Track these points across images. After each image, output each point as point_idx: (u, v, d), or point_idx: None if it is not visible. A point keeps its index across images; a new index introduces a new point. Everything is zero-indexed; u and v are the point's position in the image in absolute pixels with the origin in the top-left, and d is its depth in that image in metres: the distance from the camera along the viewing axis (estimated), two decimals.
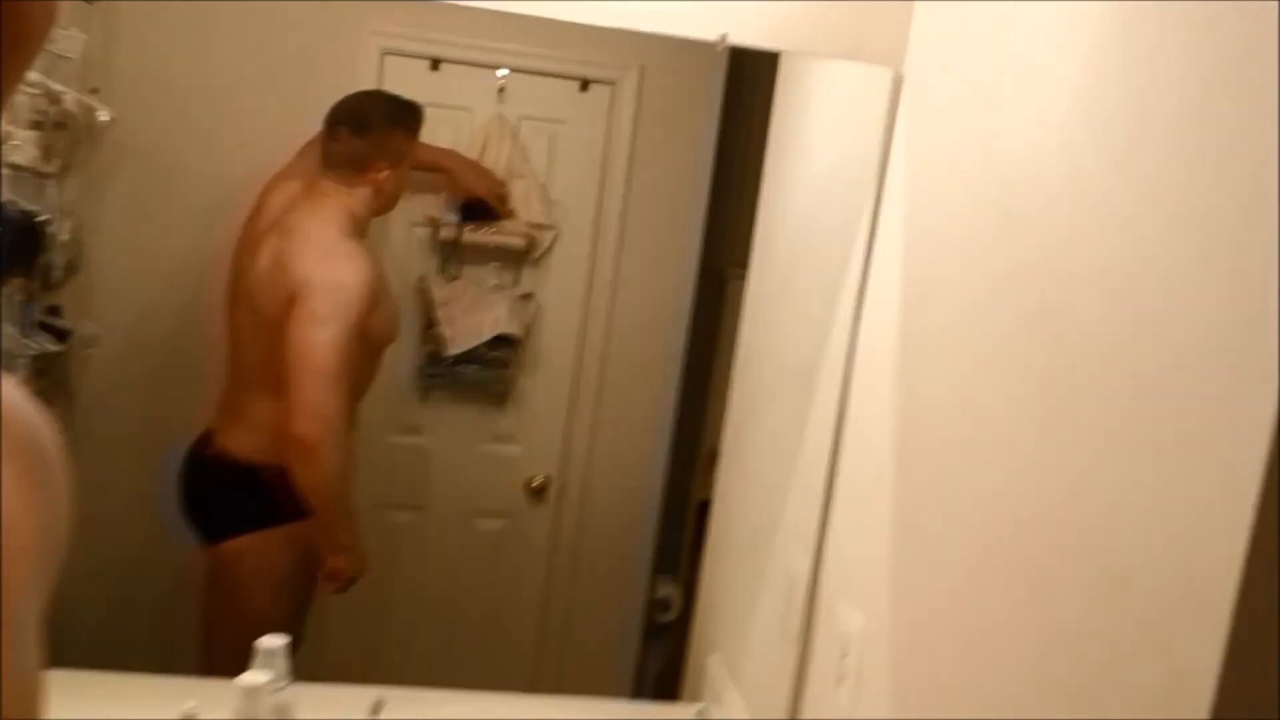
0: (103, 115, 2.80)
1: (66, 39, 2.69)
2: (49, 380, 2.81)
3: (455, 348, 3.15)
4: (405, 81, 3.18)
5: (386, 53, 3.18)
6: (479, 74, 3.23)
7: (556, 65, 3.26)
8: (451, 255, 3.26)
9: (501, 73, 3.23)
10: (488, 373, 3.24)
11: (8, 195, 2.47)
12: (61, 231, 2.70)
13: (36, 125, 2.52)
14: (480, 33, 3.21)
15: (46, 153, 2.62)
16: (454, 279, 2.97)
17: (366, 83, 3.16)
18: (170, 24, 3.10)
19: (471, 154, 3.20)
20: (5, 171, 2.46)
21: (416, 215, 3.25)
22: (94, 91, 2.96)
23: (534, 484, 3.39)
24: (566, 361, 3.38)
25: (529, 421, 3.40)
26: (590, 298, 3.36)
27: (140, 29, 3.08)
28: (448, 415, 3.36)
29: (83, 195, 2.95)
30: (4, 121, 2.39)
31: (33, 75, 2.49)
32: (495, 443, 3.40)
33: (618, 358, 3.38)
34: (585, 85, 3.28)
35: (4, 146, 2.42)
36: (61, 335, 2.72)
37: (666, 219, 3.36)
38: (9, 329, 2.51)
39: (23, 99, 2.46)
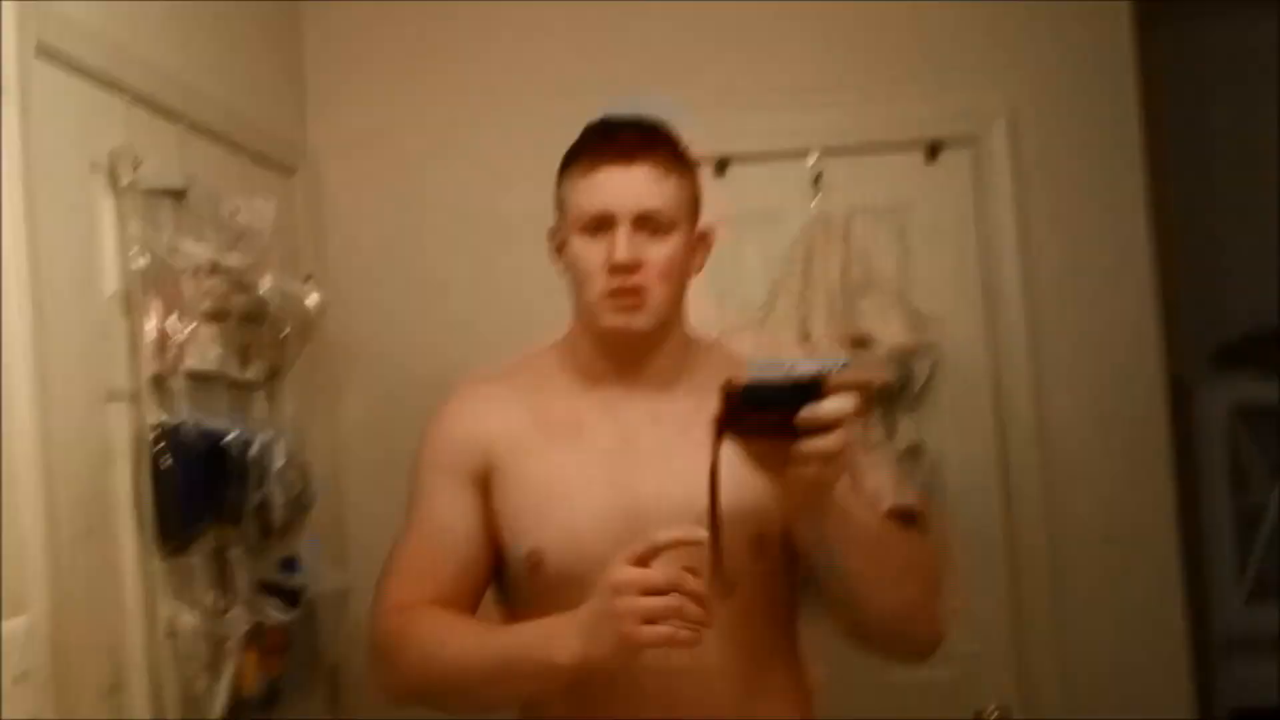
0: (311, 300, 2.12)
1: (251, 209, 2.06)
2: (298, 654, 2.05)
3: None
4: None
5: None
6: (783, 167, 2.40)
7: (889, 132, 2.40)
8: None
9: (813, 158, 2.37)
10: None
11: (186, 415, 1.78)
12: (275, 457, 1.98)
13: (217, 316, 1.85)
14: (774, 108, 2.38)
15: (242, 354, 1.95)
16: None
17: None
18: (386, 180, 2.49)
19: (792, 272, 2.32)
20: (180, 384, 1.78)
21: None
22: (309, 279, 2.32)
23: None
24: (994, 533, 2.34)
25: (960, 631, 2.32)
26: (1006, 437, 2.34)
27: (350, 197, 2.47)
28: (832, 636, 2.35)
29: (305, 410, 2.27)
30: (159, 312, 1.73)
31: (201, 249, 1.84)
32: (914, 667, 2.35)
33: (1070, 520, 2.32)
34: (933, 151, 2.39)
35: (172, 349, 1.75)
36: (294, 597, 1.97)
37: (1093, 310, 2.35)
38: (202, 600, 1.76)
39: (188, 282, 1.80)
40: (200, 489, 1.75)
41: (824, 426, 1.13)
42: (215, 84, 2.07)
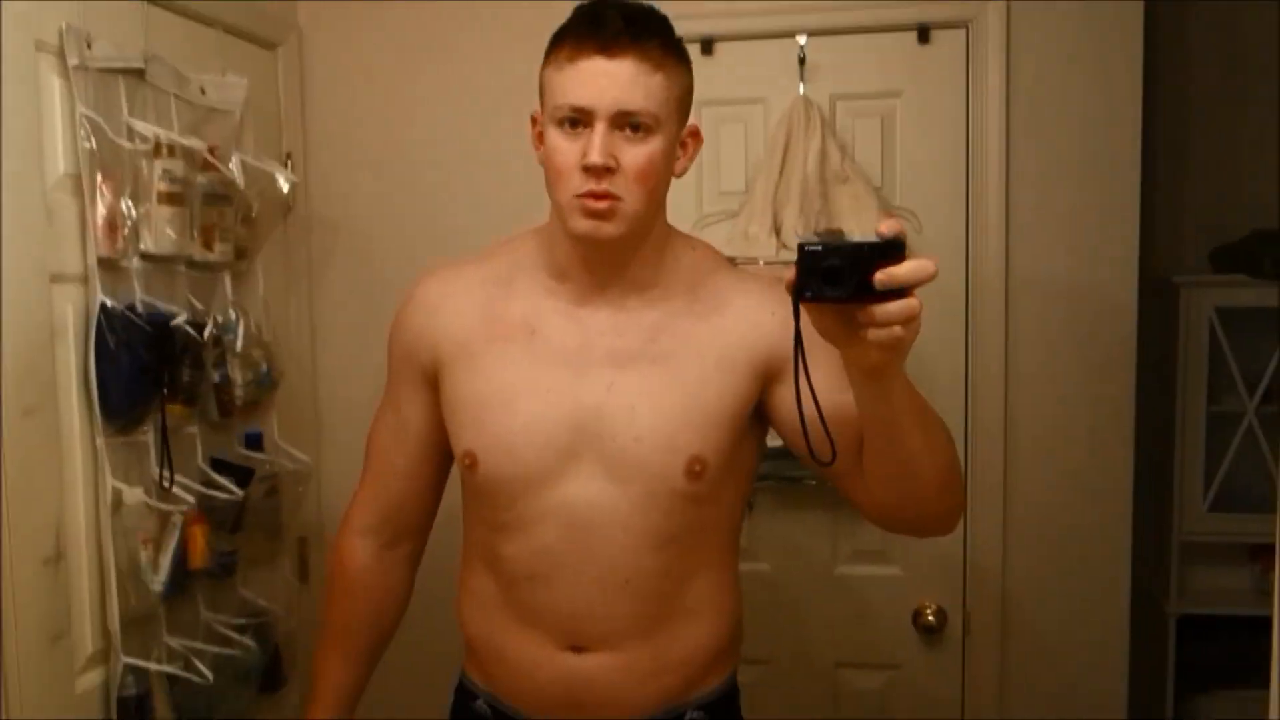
0: (282, 182, 2.12)
1: (220, 87, 2.05)
2: (259, 529, 2.12)
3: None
4: None
5: None
6: (768, 48, 2.32)
7: (879, 14, 2.29)
8: None
9: (801, 40, 2.29)
10: None
11: (140, 298, 1.81)
12: (236, 338, 2.01)
13: (174, 199, 1.86)
14: None
15: (205, 236, 1.96)
16: None
17: None
18: (372, 64, 2.44)
19: (771, 158, 2.26)
20: (135, 264, 1.81)
21: None
22: (288, 158, 2.32)
23: (925, 618, 2.32)
24: (955, 430, 2.30)
25: None
26: (974, 342, 2.29)
27: (336, 77, 2.44)
28: (786, 530, 2.38)
29: (280, 291, 2.29)
30: (109, 195, 1.74)
31: (156, 130, 1.83)
32: (859, 564, 2.37)
33: (1025, 421, 2.28)
34: (925, 34, 2.28)
35: (124, 230, 1.76)
36: (245, 476, 2.02)
37: (1074, 215, 2.26)
38: (149, 477, 1.82)
39: (144, 164, 1.81)
40: (146, 369, 1.78)
41: (902, 289, 1.10)
42: None
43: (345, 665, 1.61)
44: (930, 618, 2.31)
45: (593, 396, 1.41)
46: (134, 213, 1.79)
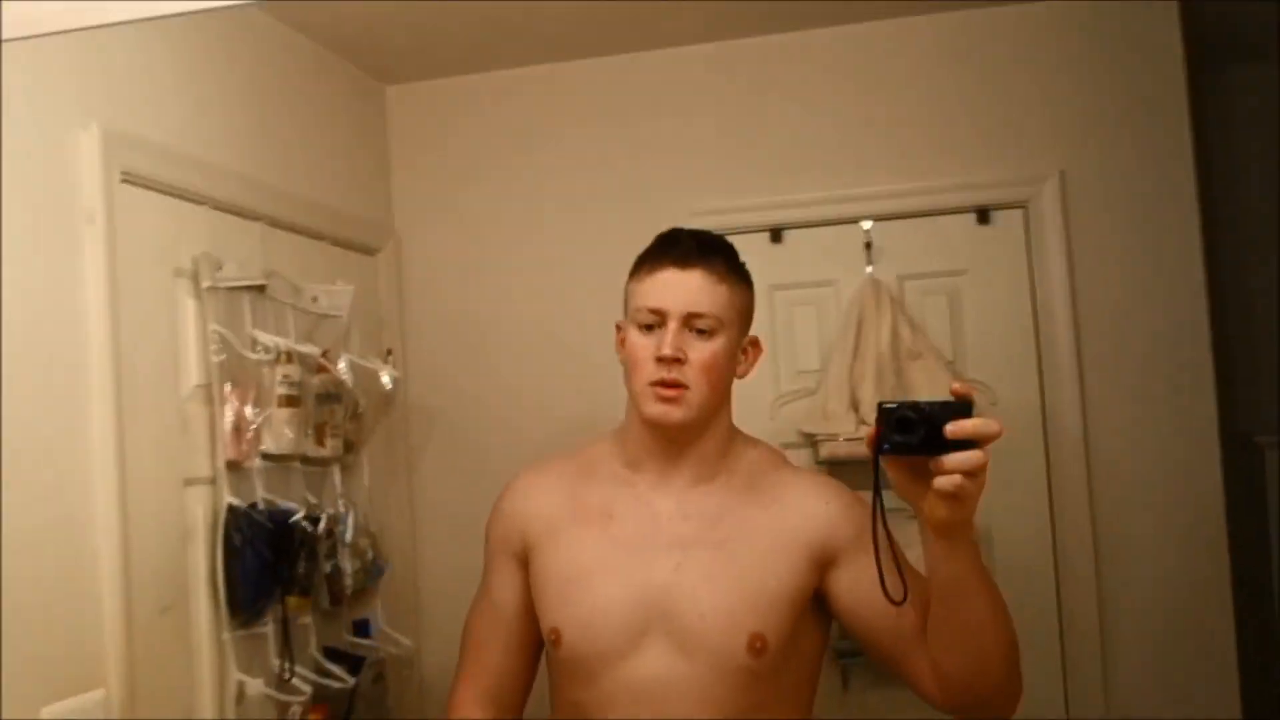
0: (386, 379, 2.26)
1: (329, 295, 2.22)
2: (367, 713, 2.18)
3: None
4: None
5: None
6: (835, 234, 2.45)
7: (939, 200, 2.42)
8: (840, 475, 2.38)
9: (866, 225, 2.42)
10: None
11: (261, 496, 1.93)
12: (346, 529, 2.12)
13: (291, 401, 2.00)
14: (825, 182, 2.45)
15: (318, 434, 2.10)
16: None
17: None
18: (466, 262, 2.61)
19: (845, 338, 2.36)
20: (257, 464, 1.94)
21: (788, 434, 2.43)
22: (389, 354, 2.47)
23: None
24: (1039, 611, 2.33)
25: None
26: (1056, 511, 2.33)
27: (431, 274, 2.61)
28: (884, 711, 2.38)
29: (381, 480, 2.41)
30: (235, 402, 1.88)
31: (276, 340, 1.99)
32: None
33: (1123, 596, 2.29)
34: (984, 216, 2.40)
35: (248, 433, 1.90)
36: (357, 664, 2.10)
37: (1149, 378, 2.32)
38: (269, 668, 1.91)
39: (265, 371, 1.96)
40: (269, 565, 1.90)
41: (970, 442, 1.26)
42: (299, 178, 2.23)
43: None
44: None
45: (662, 576, 1.54)
46: (257, 417, 1.93)
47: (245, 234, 2.02)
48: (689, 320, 1.53)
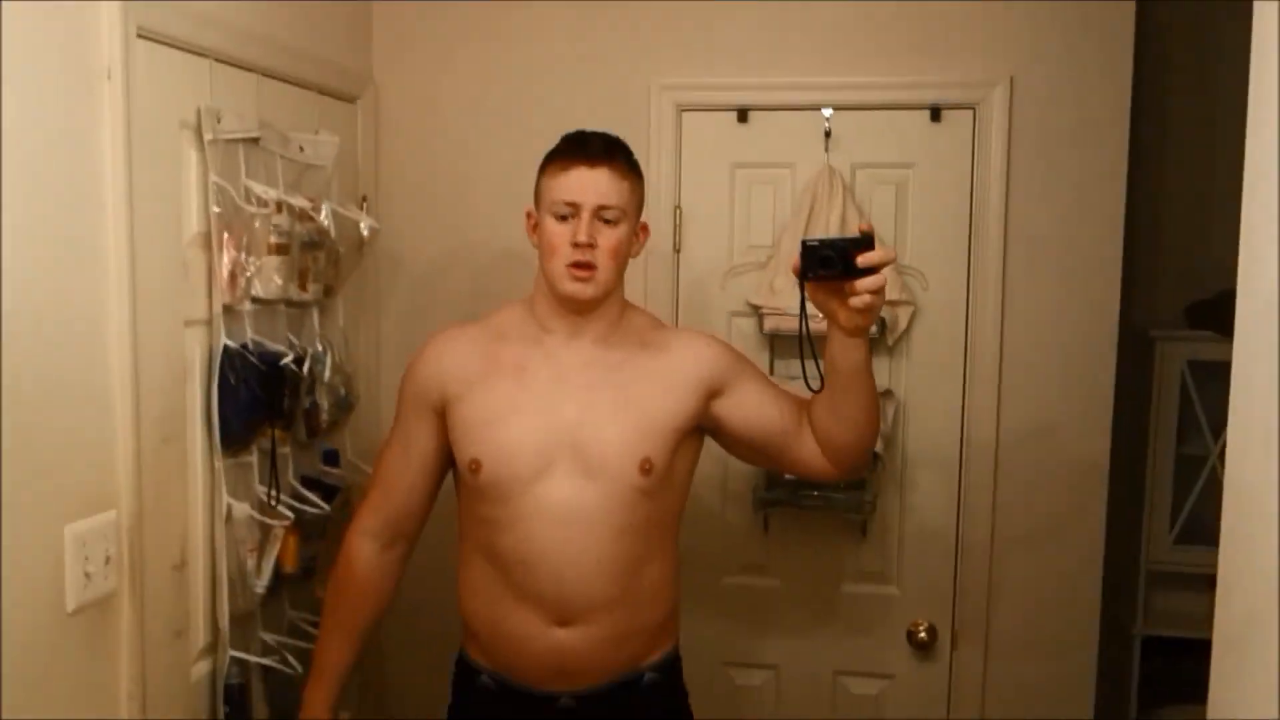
0: (364, 226, 2.38)
1: (315, 145, 2.31)
2: (332, 536, 2.39)
3: None
4: (710, 140, 2.59)
5: (684, 109, 2.61)
6: (798, 119, 2.59)
7: (896, 94, 2.56)
8: (782, 349, 2.59)
9: (826, 113, 2.56)
10: (842, 495, 2.52)
11: (251, 337, 2.08)
12: (324, 369, 2.28)
13: (281, 249, 2.12)
14: (793, 68, 2.57)
15: (301, 279, 2.22)
16: (790, 379, 2.28)
17: (665, 150, 2.60)
18: (438, 115, 2.70)
19: (797, 218, 2.53)
20: (248, 307, 2.07)
21: (736, 303, 2.62)
22: (364, 200, 2.58)
23: (919, 635, 2.61)
24: (944, 475, 2.59)
25: (901, 554, 2.63)
26: (969, 389, 2.57)
27: (406, 125, 2.70)
28: (797, 550, 2.67)
29: (353, 321, 2.56)
30: (231, 249, 2.00)
31: (269, 192, 2.10)
32: (860, 583, 2.66)
33: (1013, 463, 2.56)
34: (936, 114, 2.55)
35: (241, 279, 2.03)
36: (331, 493, 2.29)
37: (1065, 274, 2.53)
38: (254, 493, 2.09)
39: (258, 221, 2.07)
40: (258, 401, 2.05)
41: (874, 268, 1.66)
42: (289, 30, 2.28)
43: (344, 645, 2.00)
44: (923, 634, 2.60)
45: (569, 414, 1.86)
46: (249, 264, 2.06)
47: (242, 85, 2.10)
48: (598, 211, 1.83)
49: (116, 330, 1.74)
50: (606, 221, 1.84)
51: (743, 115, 2.59)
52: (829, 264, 1.66)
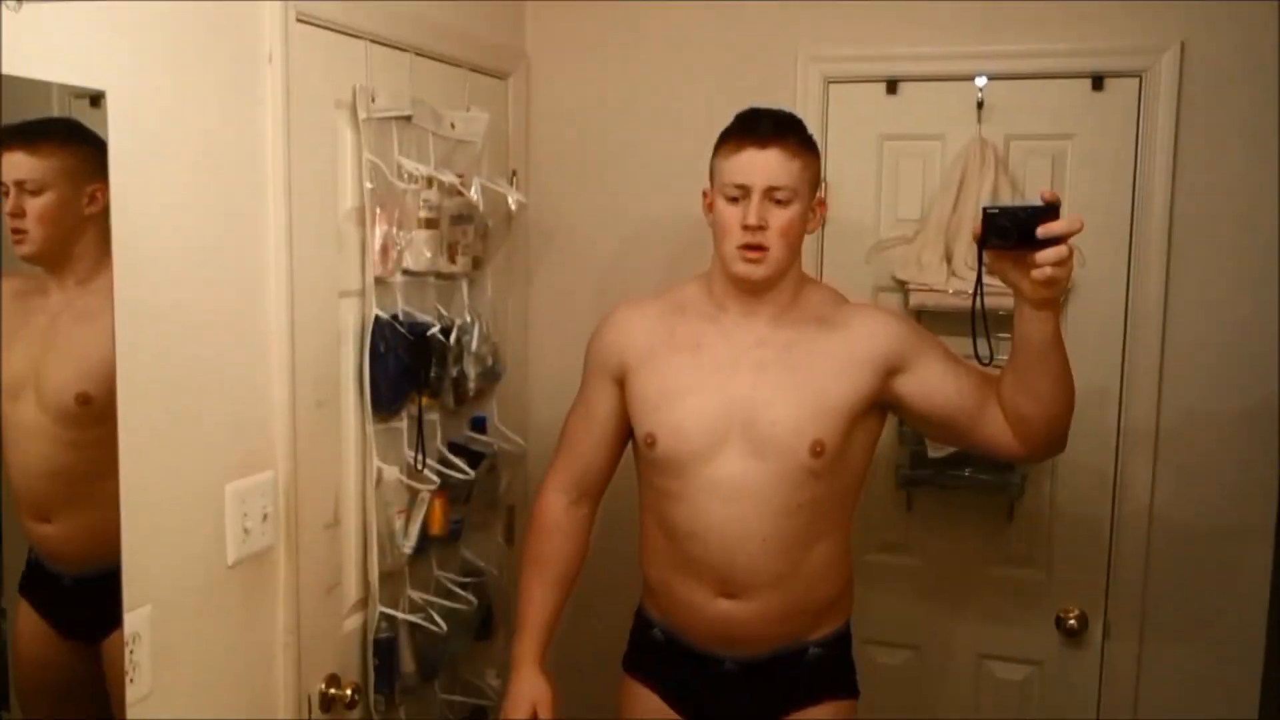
0: (513, 201, 2.44)
1: (466, 121, 2.38)
2: (481, 501, 2.47)
3: (941, 447, 2.41)
4: (857, 112, 2.55)
5: (831, 80, 2.57)
6: (949, 90, 2.52)
7: (1055, 62, 2.46)
8: (930, 325, 2.54)
9: (980, 82, 2.48)
10: (989, 477, 2.46)
11: (401, 308, 2.16)
12: (471, 339, 2.35)
13: (431, 224, 2.20)
14: (945, 37, 2.50)
15: (450, 252, 2.30)
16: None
17: (811, 122, 2.56)
18: (588, 90, 2.73)
19: (947, 191, 2.47)
20: (398, 279, 2.16)
21: (882, 277, 2.58)
22: (514, 175, 2.64)
23: (1067, 622, 2.53)
24: (1098, 460, 2.50)
25: (1052, 539, 2.56)
26: (1128, 373, 2.46)
27: (557, 100, 2.75)
28: (940, 530, 2.62)
29: (501, 293, 2.63)
30: (383, 224, 2.09)
31: (420, 168, 2.17)
32: (1008, 566, 2.60)
33: (1174, 451, 2.45)
34: (1099, 82, 2.44)
35: (393, 252, 2.11)
36: (476, 459, 2.37)
37: (1237, 257, 2.39)
38: (403, 457, 2.18)
39: (409, 196, 2.15)
40: (407, 369, 2.14)
41: (1059, 239, 1.60)
42: (441, 10, 2.35)
43: (543, 591, 2.05)
44: (1073, 622, 2.52)
45: (741, 392, 1.88)
46: (401, 238, 2.14)
47: (396, 64, 2.17)
48: (769, 192, 1.83)
49: (275, 300, 1.84)
50: (778, 202, 1.84)
51: (892, 86, 2.54)
52: (1005, 234, 1.61)
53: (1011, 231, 1.59)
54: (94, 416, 1.47)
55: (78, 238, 1.44)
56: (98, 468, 1.49)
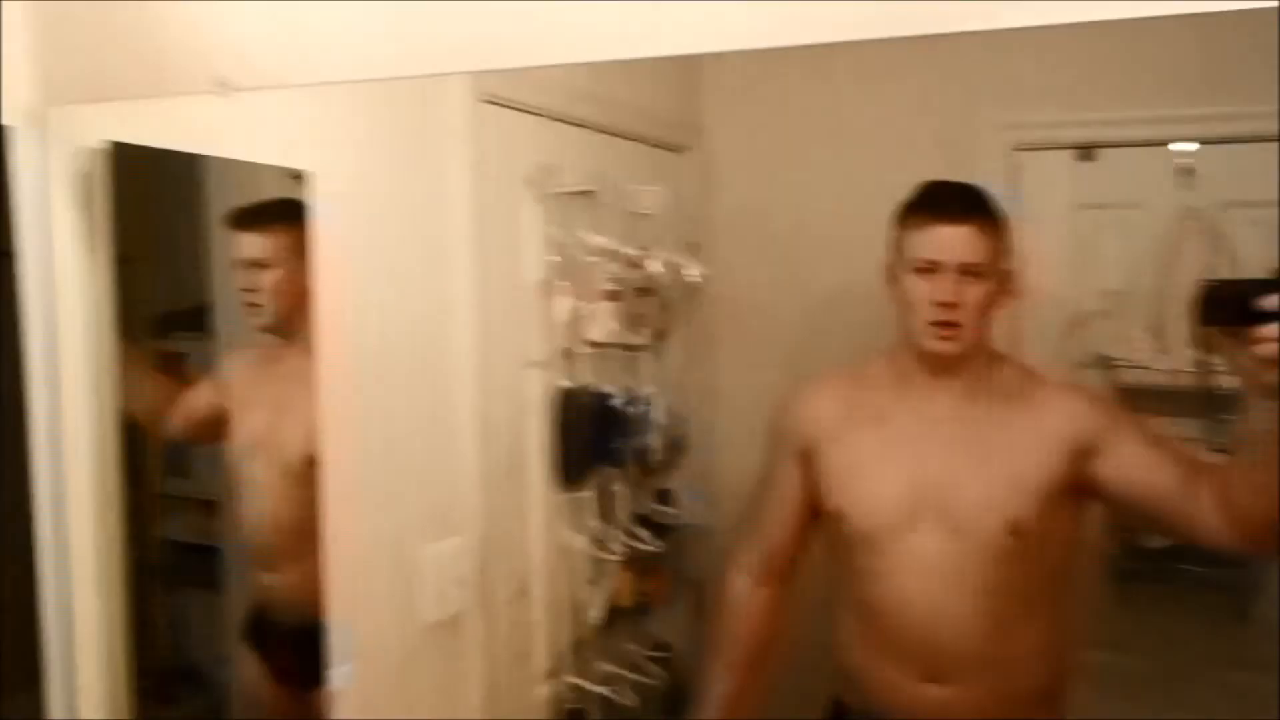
0: (691, 273, 2.46)
1: (647, 195, 2.42)
2: (668, 574, 2.46)
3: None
4: (1049, 179, 2.46)
5: (1019, 148, 2.49)
6: (1148, 155, 2.41)
7: (1271, 124, 2.29)
8: (1141, 407, 2.38)
9: (1182, 148, 2.35)
10: (1220, 571, 2.27)
11: (587, 379, 2.19)
12: (655, 410, 2.36)
13: (614, 296, 2.24)
14: (1141, 100, 2.39)
15: (633, 323, 2.33)
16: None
17: (998, 191, 2.49)
18: (769, 161, 2.75)
19: (1156, 262, 2.35)
20: (583, 350, 2.19)
21: (1083, 353, 2.45)
22: (694, 248, 2.66)
23: None
24: None
25: None
26: None
27: (737, 172, 2.77)
28: (1161, 628, 2.42)
29: (684, 365, 2.63)
30: (568, 296, 2.13)
31: (603, 241, 2.22)
32: (1240, 671, 2.38)
33: None
34: None
35: (577, 324, 2.15)
36: (663, 530, 2.36)
37: None
38: (589, 527, 2.19)
39: (593, 269, 2.19)
40: (591, 439, 2.17)
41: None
42: (622, 88, 2.41)
43: (727, 678, 1.97)
44: None
45: (931, 470, 1.79)
46: (585, 310, 2.18)
47: (578, 141, 2.24)
48: (961, 268, 1.76)
49: (465, 370, 1.89)
50: (970, 275, 1.76)
51: (1086, 153, 2.45)
52: (1225, 308, 1.41)
53: (1233, 306, 1.40)
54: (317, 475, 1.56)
55: (305, 308, 1.53)
56: (317, 524, 1.57)
